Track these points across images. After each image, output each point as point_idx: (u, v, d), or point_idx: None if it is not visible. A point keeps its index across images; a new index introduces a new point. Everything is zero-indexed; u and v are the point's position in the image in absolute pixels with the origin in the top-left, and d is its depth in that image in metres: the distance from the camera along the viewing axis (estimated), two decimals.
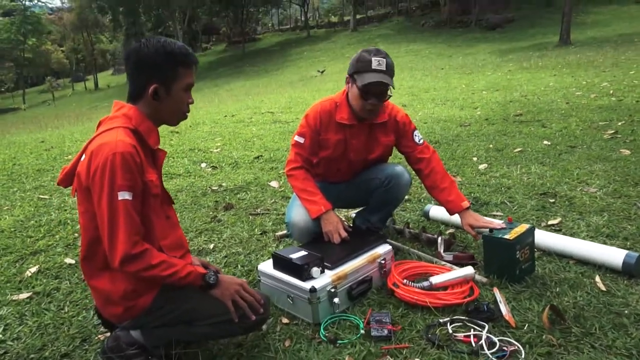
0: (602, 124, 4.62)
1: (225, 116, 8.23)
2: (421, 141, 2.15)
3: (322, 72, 22.40)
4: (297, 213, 2.05)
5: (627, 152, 3.54)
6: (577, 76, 8.74)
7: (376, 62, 1.91)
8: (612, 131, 4.24)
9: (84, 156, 1.33)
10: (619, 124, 4.53)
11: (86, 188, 1.30)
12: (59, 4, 51.28)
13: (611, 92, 6.49)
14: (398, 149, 2.19)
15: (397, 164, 2.19)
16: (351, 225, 2.24)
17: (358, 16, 40.22)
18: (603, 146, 3.79)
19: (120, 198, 1.24)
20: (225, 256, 2.33)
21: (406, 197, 2.99)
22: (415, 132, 2.14)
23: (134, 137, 1.32)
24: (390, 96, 1.99)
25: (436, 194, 2.06)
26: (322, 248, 1.86)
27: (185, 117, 1.45)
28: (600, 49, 14.26)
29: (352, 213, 2.73)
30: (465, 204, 1.99)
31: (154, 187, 1.35)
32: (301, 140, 2.09)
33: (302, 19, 48.60)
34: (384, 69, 1.91)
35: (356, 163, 2.16)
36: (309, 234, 2.04)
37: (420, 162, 2.11)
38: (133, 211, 1.27)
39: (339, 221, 1.97)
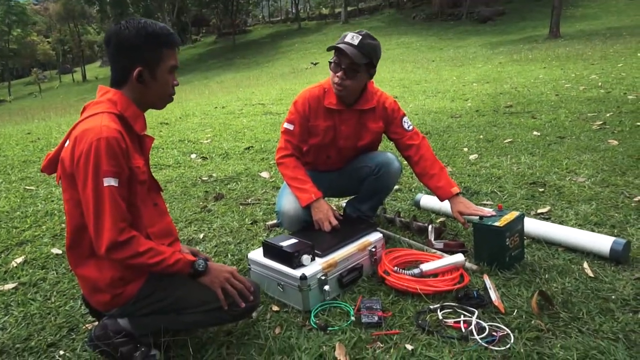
0: (591, 115, 4.66)
1: (216, 108, 8.16)
2: (410, 127, 2.13)
3: (316, 64, 22.35)
4: (288, 201, 2.04)
5: (615, 142, 3.58)
6: (566, 69, 8.81)
7: (350, 37, 1.92)
8: (601, 122, 4.28)
9: (67, 142, 1.30)
10: (607, 115, 4.57)
11: (70, 175, 1.27)
12: None
13: (600, 84, 6.55)
14: (387, 135, 2.18)
15: (388, 152, 2.18)
16: (342, 214, 2.24)
17: (349, 8, 40.08)
18: (591, 137, 3.82)
19: (105, 184, 1.22)
20: (216, 245, 2.31)
21: (397, 186, 2.99)
22: (405, 119, 2.13)
23: (119, 122, 1.29)
24: (357, 70, 1.93)
25: (426, 180, 2.06)
26: (312, 236, 1.85)
27: (171, 100, 1.42)
28: (589, 42, 14.37)
29: (343, 202, 2.73)
30: (455, 189, 1.99)
31: (141, 173, 1.32)
32: (290, 127, 2.07)
33: (293, 10, 48.29)
34: (355, 43, 1.90)
35: (346, 150, 2.15)
36: (299, 222, 2.02)
37: (410, 148, 2.10)
38: (119, 197, 1.24)
39: (329, 209, 1.96)
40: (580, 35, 17.54)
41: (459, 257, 1.78)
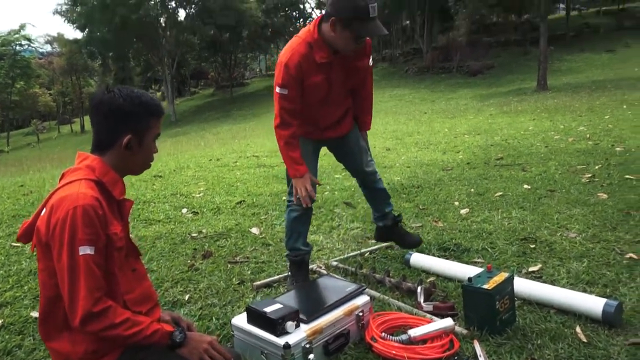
0: (580, 167, 4.73)
1: (210, 160, 8.22)
2: (371, 63, 2.29)
3: None
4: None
5: (605, 196, 3.60)
6: (555, 120, 9.01)
7: (372, 10, 1.92)
8: (590, 175, 4.33)
9: (44, 210, 1.30)
10: (596, 167, 4.63)
11: (46, 244, 1.25)
12: (49, 48, 51.95)
13: (588, 136, 6.68)
14: None
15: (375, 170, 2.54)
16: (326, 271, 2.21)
17: None
18: (581, 190, 3.85)
19: (81, 253, 1.20)
20: (200, 308, 2.25)
21: (387, 243, 2.97)
22: (370, 57, 2.26)
23: (97, 188, 1.30)
24: None
25: (357, 112, 2.41)
26: (298, 299, 1.81)
27: (149, 167, 1.46)
28: (575, 95, 14.82)
29: (333, 261, 2.70)
30: (369, 128, 2.50)
31: (118, 240, 1.31)
32: (285, 91, 2.05)
33: None
34: (376, 14, 1.95)
35: (340, 95, 2.23)
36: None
37: (361, 84, 2.32)
38: (95, 266, 1.22)
39: (307, 180, 2.17)
40: (567, 87, 18.13)
41: (448, 322, 1.74)
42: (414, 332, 1.70)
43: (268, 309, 1.65)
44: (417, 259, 2.53)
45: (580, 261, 2.42)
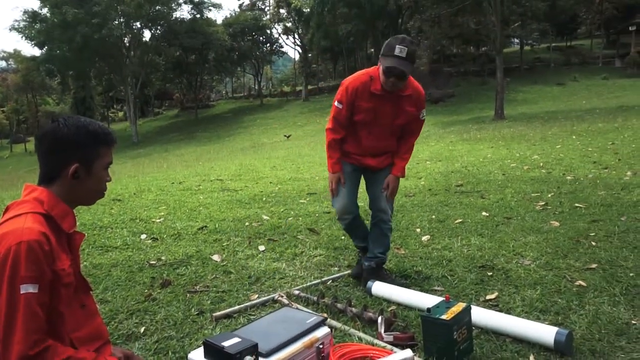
0: (534, 195, 4.92)
1: (173, 183, 8.05)
2: (423, 118, 2.71)
3: (289, 136, 22.95)
4: (338, 200, 2.71)
5: (557, 223, 3.76)
6: (511, 148, 9.39)
7: (398, 50, 2.35)
8: (543, 202, 4.51)
9: None
10: (549, 195, 4.84)
11: None
12: (4, 65, 50.05)
13: (541, 164, 6.99)
14: None
15: (388, 218, 2.72)
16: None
17: (309, 87, 42.07)
18: (535, 217, 4.01)
19: (22, 292, 1.15)
20: (157, 341, 2.17)
21: (350, 271, 2.98)
22: (423, 110, 2.68)
23: (45, 222, 1.25)
24: (407, 77, 2.44)
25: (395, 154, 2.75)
26: (257, 332, 1.77)
27: (103, 196, 1.42)
28: (530, 124, 15.55)
29: (295, 290, 2.67)
30: (399, 174, 2.70)
31: (66, 275, 1.26)
32: (340, 106, 2.59)
33: (256, 87, 50.17)
34: (404, 56, 2.34)
35: (383, 127, 2.61)
36: (349, 213, 2.73)
37: (408, 132, 2.72)
38: (36, 306, 1.17)
39: (340, 177, 2.67)
40: (522, 117, 19.01)
41: (407, 353, 1.74)
42: None
43: (226, 343, 1.60)
44: (379, 287, 2.54)
45: (534, 289, 2.50)
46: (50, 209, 1.28)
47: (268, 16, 45.63)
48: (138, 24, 35.90)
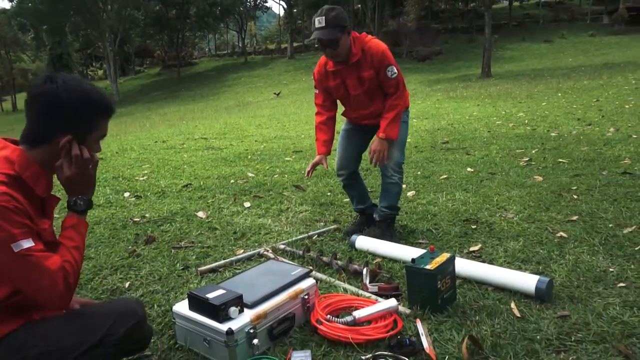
0: (519, 151, 4.95)
1: (156, 142, 7.93)
2: (393, 76, 2.49)
3: (278, 94, 22.50)
4: (337, 157, 2.80)
5: (540, 178, 3.80)
6: (497, 106, 9.38)
7: (317, 22, 2.37)
8: (527, 159, 4.54)
9: None
10: (533, 151, 4.87)
11: None
12: None
13: (526, 121, 7.01)
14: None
15: (394, 149, 2.59)
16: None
17: (295, 44, 41.01)
18: (519, 173, 4.04)
19: (16, 250, 1.12)
20: (142, 295, 2.17)
21: (335, 225, 2.99)
22: (389, 68, 2.47)
23: (13, 184, 1.16)
24: (336, 42, 2.38)
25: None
26: (242, 284, 1.77)
27: None
28: (516, 82, 15.49)
29: (280, 244, 2.67)
30: (381, 134, 2.52)
31: (48, 235, 1.21)
32: (316, 90, 2.75)
33: (240, 45, 48.76)
34: (324, 24, 2.35)
35: (358, 97, 2.59)
36: (346, 170, 2.78)
37: (386, 93, 2.57)
38: (34, 253, 1.15)
39: (320, 161, 2.70)
40: (509, 75, 18.92)
41: (392, 302, 1.76)
42: (359, 314, 1.72)
43: (210, 295, 1.60)
44: (363, 241, 2.55)
45: (517, 240, 2.53)
46: (21, 171, 1.19)
47: None
48: None
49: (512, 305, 1.84)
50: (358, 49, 2.46)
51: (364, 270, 2.09)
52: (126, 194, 4.13)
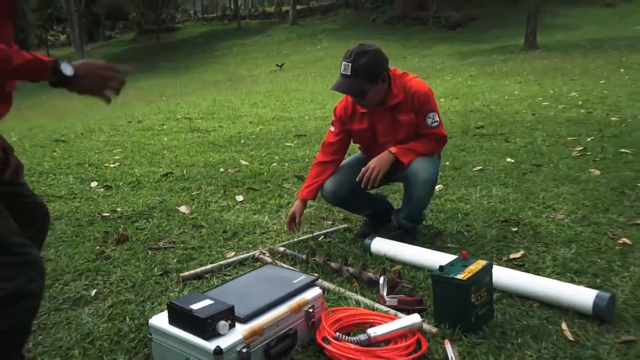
0: (571, 139, 4.92)
1: (130, 122, 8.01)
2: (434, 124, 2.51)
3: (281, 66, 22.48)
4: (329, 179, 2.67)
5: (597, 172, 3.76)
6: (544, 84, 9.33)
7: (342, 67, 2.42)
8: (581, 148, 4.51)
9: None
10: (588, 139, 4.83)
11: None
12: None
13: (580, 103, 6.96)
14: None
15: (425, 160, 2.49)
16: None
17: (298, 7, 40.88)
18: (571, 165, 4.01)
19: None
20: (111, 306, 2.17)
21: (345, 224, 2.98)
22: (430, 115, 2.50)
23: None
24: (365, 93, 2.41)
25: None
26: (234, 293, 1.77)
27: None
28: (568, 55, 15.38)
29: (279, 246, 2.67)
30: (392, 149, 2.48)
31: None
32: (332, 128, 2.73)
33: (232, 6, 48.65)
34: (348, 73, 2.38)
35: (388, 146, 2.53)
36: (336, 198, 2.70)
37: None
38: None
39: (297, 212, 2.68)
40: (558, 46, 18.77)
41: (414, 318, 1.75)
42: (375, 332, 1.71)
43: (195, 306, 1.59)
44: (380, 244, 2.54)
45: (568, 247, 2.51)
46: None
47: None
48: None
49: (564, 325, 1.82)
50: (399, 88, 2.49)
51: (381, 280, 2.08)
52: (93, 184, 4.17)
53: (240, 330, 1.59)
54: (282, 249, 2.64)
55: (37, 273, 1.36)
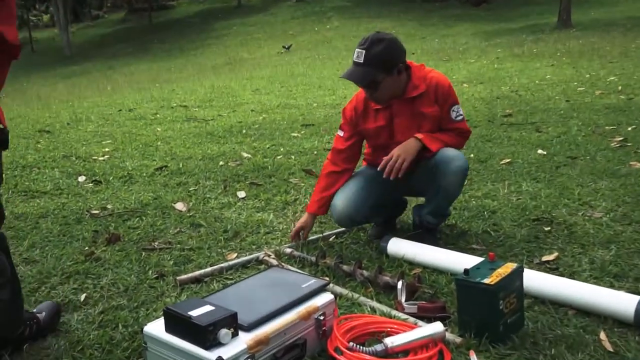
0: (609, 128, 4.90)
1: (120, 110, 8.06)
2: (458, 118, 2.55)
3: (289, 47, 22.55)
4: (339, 195, 2.63)
5: (639, 165, 3.74)
6: (579, 67, 9.28)
7: (355, 54, 2.41)
8: (621, 138, 4.49)
9: None
10: (629, 129, 4.81)
11: None
12: None
13: (620, 88, 6.92)
14: None
15: (454, 149, 2.48)
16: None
17: None
18: (610, 157, 3.99)
19: None
20: (102, 312, 2.19)
21: (359, 226, 2.99)
22: (454, 107, 2.54)
23: None
24: (377, 84, 2.41)
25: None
26: (237, 299, 1.77)
27: None
28: (606, 34, 15.27)
29: (286, 247, 2.68)
30: (418, 135, 2.45)
31: None
32: (341, 133, 2.70)
33: None
34: (361, 61, 2.38)
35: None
36: (349, 220, 2.67)
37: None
38: None
39: (305, 224, 2.70)
40: (595, 25, 18.64)
41: (436, 327, 1.75)
42: (392, 341, 1.71)
43: (194, 313, 1.60)
44: (398, 245, 2.54)
45: (607, 248, 2.50)
46: None
47: None
48: None
49: (602, 335, 1.81)
50: (420, 79, 2.51)
51: (399, 284, 2.08)
52: (81, 178, 4.20)
53: (244, 339, 1.59)
54: (289, 250, 2.65)
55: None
